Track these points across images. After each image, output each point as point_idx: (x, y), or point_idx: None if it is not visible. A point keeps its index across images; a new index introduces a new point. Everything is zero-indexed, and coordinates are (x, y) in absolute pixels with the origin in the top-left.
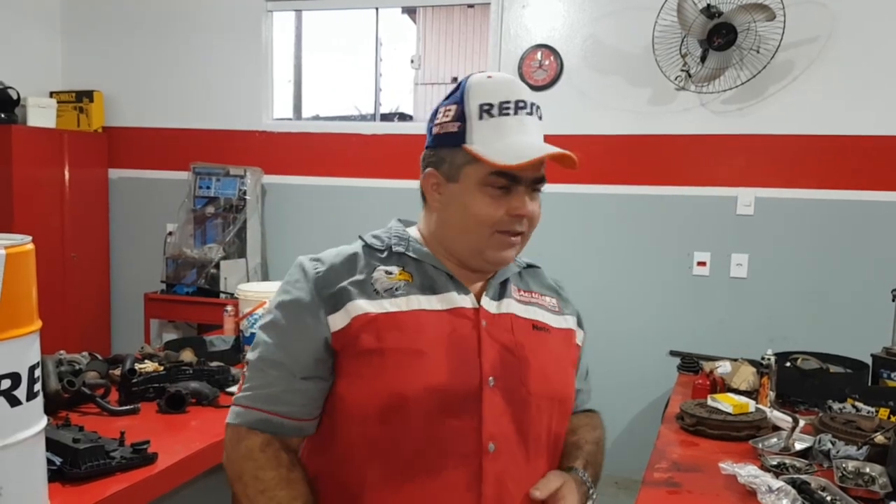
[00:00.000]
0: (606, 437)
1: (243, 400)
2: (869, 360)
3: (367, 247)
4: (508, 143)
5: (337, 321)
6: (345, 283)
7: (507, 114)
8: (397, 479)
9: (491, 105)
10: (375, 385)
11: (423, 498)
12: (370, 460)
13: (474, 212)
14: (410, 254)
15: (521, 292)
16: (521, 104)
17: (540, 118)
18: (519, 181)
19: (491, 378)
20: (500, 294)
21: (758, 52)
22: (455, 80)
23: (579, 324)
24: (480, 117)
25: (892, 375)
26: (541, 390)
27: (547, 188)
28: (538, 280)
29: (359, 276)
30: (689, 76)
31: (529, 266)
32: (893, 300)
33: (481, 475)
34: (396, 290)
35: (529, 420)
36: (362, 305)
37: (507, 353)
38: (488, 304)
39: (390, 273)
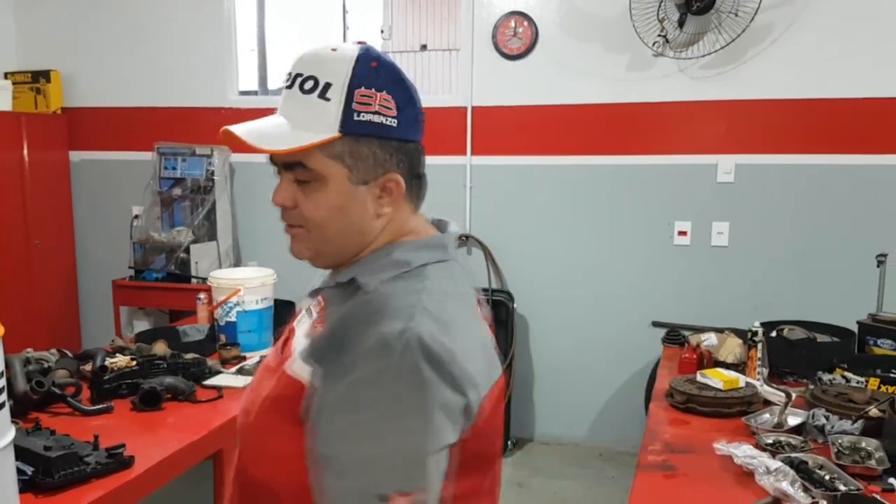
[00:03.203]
0: (590, 408)
1: None
2: (854, 328)
3: None
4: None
5: None
6: None
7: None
8: None
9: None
10: None
11: None
12: None
13: None
14: None
15: (325, 312)
16: (287, 77)
17: (306, 90)
18: (277, 165)
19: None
20: (309, 312)
21: (736, 15)
22: (424, 47)
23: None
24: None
25: (879, 342)
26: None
27: (524, 161)
28: (342, 307)
29: None
30: (667, 41)
31: (351, 285)
32: (878, 266)
33: None
34: None
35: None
36: None
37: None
38: (299, 326)
39: None
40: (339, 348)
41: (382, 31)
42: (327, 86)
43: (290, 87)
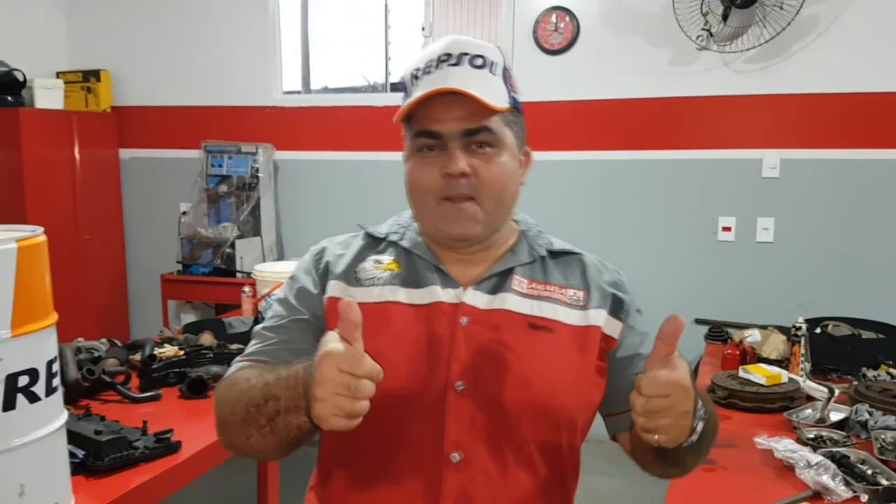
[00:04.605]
0: None
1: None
2: None
3: (367, 236)
4: (417, 95)
5: (324, 302)
6: (333, 266)
7: (430, 72)
8: (358, 489)
9: (419, 69)
10: None
11: None
12: (337, 467)
13: (411, 179)
14: (403, 243)
15: (533, 284)
16: (444, 57)
17: (477, 66)
18: (442, 137)
19: (459, 382)
20: (498, 286)
21: (781, 8)
22: None
23: (615, 314)
24: (412, 84)
25: None
26: (518, 398)
27: (566, 156)
28: (569, 270)
29: (349, 263)
30: (711, 35)
31: (565, 253)
32: None
33: (440, 487)
34: (377, 280)
35: (506, 430)
36: (336, 289)
37: (485, 354)
38: (475, 299)
39: (379, 262)
40: (615, 290)
41: (423, 29)
42: (493, 63)
43: (456, 64)
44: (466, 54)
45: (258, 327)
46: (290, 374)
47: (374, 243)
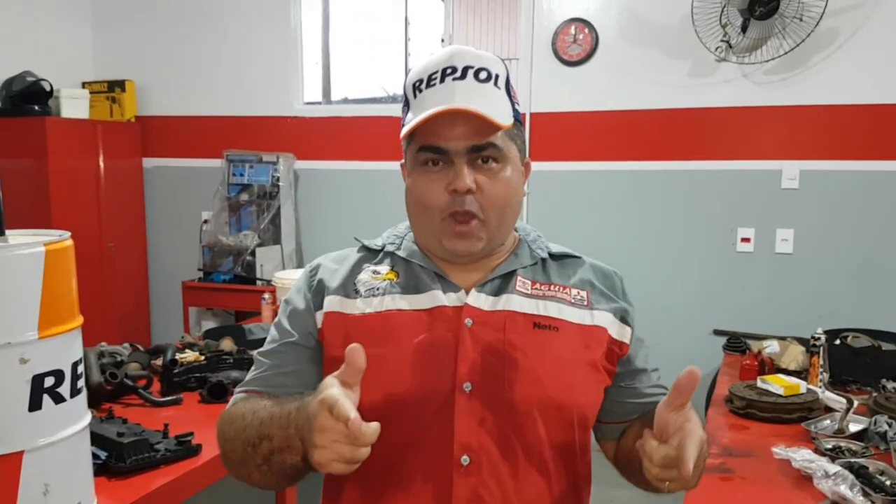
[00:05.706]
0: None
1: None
2: None
3: (363, 248)
4: (422, 112)
5: (319, 319)
6: (329, 282)
7: (434, 85)
8: (370, 497)
9: (421, 81)
10: None
11: None
12: (347, 476)
13: (415, 194)
14: (400, 253)
15: (537, 285)
16: (450, 70)
17: (482, 80)
18: (448, 153)
19: (467, 383)
20: (501, 289)
21: (801, 20)
22: None
23: (623, 319)
24: (414, 97)
25: None
26: (529, 396)
27: (584, 166)
28: (570, 271)
29: (345, 276)
30: (730, 47)
31: (564, 256)
32: None
33: (451, 491)
34: (377, 290)
35: (518, 430)
36: (334, 303)
37: (493, 354)
38: (478, 301)
39: (377, 273)
40: (614, 295)
41: (443, 40)
42: (497, 76)
43: (461, 78)
44: (471, 67)
45: (256, 352)
46: (282, 414)
47: (371, 255)
